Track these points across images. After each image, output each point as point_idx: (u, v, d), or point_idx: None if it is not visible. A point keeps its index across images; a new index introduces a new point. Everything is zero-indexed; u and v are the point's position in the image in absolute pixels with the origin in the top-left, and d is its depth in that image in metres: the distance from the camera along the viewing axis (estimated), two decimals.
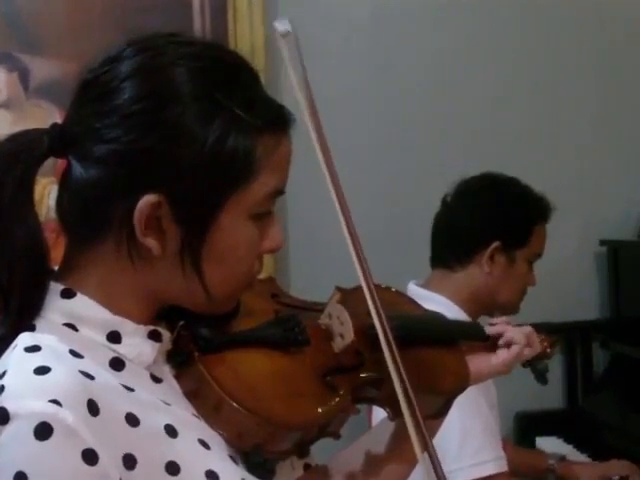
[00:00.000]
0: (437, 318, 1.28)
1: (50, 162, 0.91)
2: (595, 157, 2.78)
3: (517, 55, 2.73)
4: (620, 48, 2.79)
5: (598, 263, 2.80)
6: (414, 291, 1.96)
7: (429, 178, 2.53)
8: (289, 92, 0.98)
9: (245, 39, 2.43)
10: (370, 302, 0.88)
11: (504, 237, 1.96)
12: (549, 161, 2.71)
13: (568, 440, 2.54)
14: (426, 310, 1.28)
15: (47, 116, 2.39)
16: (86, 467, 0.77)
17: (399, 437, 1.13)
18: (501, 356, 1.23)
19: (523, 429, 2.66)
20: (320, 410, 0.95)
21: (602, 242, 2.73)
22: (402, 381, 0.90)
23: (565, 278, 2.73)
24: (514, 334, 1.24)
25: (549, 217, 2.04)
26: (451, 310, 1.86)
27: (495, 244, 1.95)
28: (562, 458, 2.25)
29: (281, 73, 2.40)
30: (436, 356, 1.15)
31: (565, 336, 2.72)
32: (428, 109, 2.66)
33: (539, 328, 1.35)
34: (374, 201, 2.57)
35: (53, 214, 0.93)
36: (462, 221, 2.00)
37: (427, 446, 0.91)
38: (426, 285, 2.01)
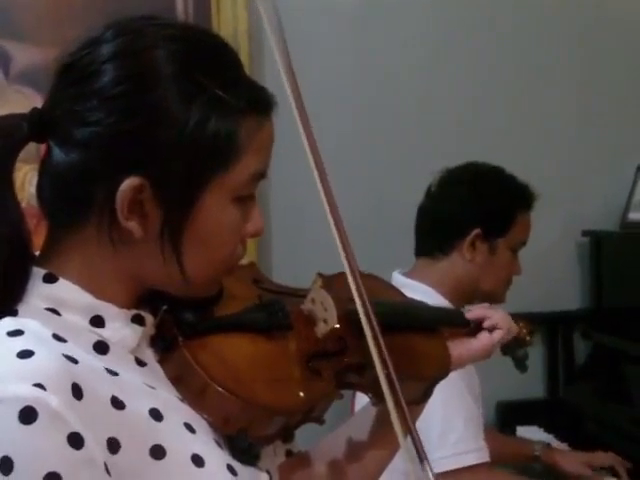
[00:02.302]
0: (419, 304, 1.29)
1: (33, 149, 0.91)
2: (578, 148, 2.79)
3: (502, 47, 2.73)
4: (602, 42, 2.80)
5: (580, 254, 2.81)
6: (398, 280, 1.96)
7: (413, 168, 2.53)
8: (274, 78, 0.97)
9: (228, 25, 2.41)
10: (354, 288, 0.88)
11: (485, 224, 1.96)
12: (532, 152, 2.71)
13: (548, 429, 2.55)
14: (407, 297, 1.28)
15: (29, 103, 2.35)
16: (71, 451, 0.76)
17: (381, 423, 1.13)
18: (482, 340, 1.24)
19: (504, 418, 2.67)
20: (303, 395, 0.95)
21: (585, 233, 2.74)
22: (386, 367, 0.89)
23: (547, 268, 2.74)
24: (498, 318, 1.25)
25: (532, 205, 2.05)
26: (434, 299, 1.87)
27: (475, 231, 1.96)
28: (547, 445, 2.26)
29: (265, 59, 2.39)
30: (418, 342, 1.16)
31: (546, 326, 2.74)
32: (413, 99, 2.65)
33: (519, 315, 1.36)
34: (358, 191, 2.56)
35: (34, 201, 0.92)
36: (444, 209, 2.01)
37: (410, 430, 0.91)
38: (410, 274, 2.01)
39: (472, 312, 1.27)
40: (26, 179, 1.98)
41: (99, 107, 0.85)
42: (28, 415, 0.75)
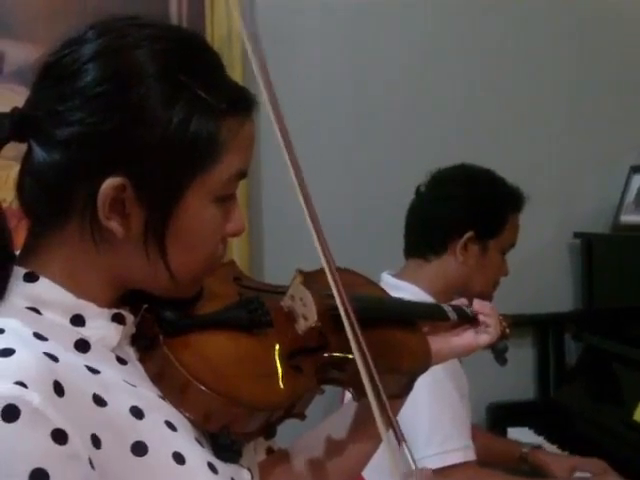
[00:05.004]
0: (398, 299, 1.29)
1: (24, 149, 0.90)
2: (571, 149, 2.79)
3: (494, 47, 2.73)
4: (595, 41, 2.80)
5: (572, 255, 2.81)
6: (388, 281, 1.96)
7: (401, 169, 2.54)
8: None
9: (222, 25, 2.41)
10: (332, 283, 0.88)
11: (478, 227, 1.97)
12: (524, 154, 2.72)
13: (539, 431, 2.55)
14: (386, 292, 1.29)
15: (22, 101, 2.35)
16: (56, 447, 0.76)
17: (363, 417, 1.14)
18: (465, 339, 1.24)
19: (495, 420, 2.67)
20: (285, 391, 0.95)
21: (576, 234, 2.75)
22: (365, 361, 0.90)
23: (539, 270, 2.74)
24: (494, 324, 1.26)
25: (522, 207, 2.06)
26: (425, 300, 1.87)
27: (469, 234, 1.97)
28: (537, 447, 2.25)
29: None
30: (398, 336, 1.16)
31: (538, 327, 2.74)
32: (401, 99, 2.65)
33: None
34: (347, 191, 2.57)
35: None
36: (436, 211, 2.01)
37: (392, 424, 0.92)
38: (399, 275, 2.02)
39: (478, 303, 1.27)
40: None
41: (81, 107, 0.86)
42: (10, 413, 0.75)
